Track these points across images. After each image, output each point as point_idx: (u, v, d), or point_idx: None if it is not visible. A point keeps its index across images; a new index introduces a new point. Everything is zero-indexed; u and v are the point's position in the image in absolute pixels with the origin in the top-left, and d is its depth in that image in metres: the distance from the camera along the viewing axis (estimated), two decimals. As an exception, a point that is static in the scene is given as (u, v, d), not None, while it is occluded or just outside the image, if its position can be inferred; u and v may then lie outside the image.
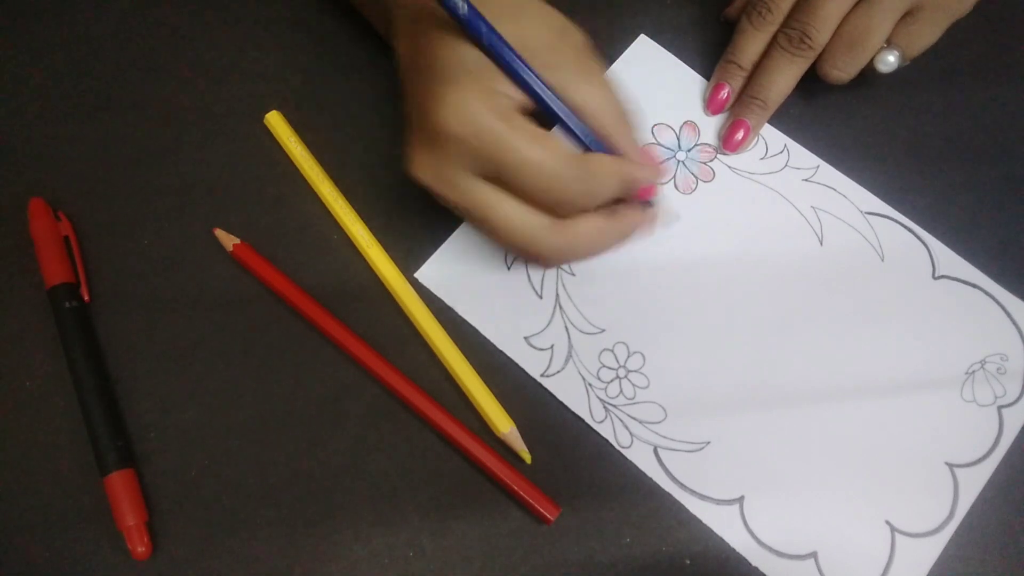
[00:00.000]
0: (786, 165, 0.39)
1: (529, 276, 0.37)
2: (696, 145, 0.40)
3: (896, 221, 0.38)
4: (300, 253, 0.38)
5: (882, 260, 0.38)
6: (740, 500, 0.34)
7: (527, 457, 0.34)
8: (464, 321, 0.37)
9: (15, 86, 0.41)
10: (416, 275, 0.37)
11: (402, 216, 0.39)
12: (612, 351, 0.36)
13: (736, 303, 0.37)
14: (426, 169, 0.30)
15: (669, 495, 0.34)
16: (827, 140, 0.40)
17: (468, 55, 0.29)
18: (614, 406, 0.35)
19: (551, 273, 0.37)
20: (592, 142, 0.31)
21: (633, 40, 0.42)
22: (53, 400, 0.35)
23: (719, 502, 0.34)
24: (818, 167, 0.39)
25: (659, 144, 0.40)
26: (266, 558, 0.33)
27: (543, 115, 0.30)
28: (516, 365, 0.36)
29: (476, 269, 0.37)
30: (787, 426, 0.35)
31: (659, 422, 0.35)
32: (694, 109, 0.40)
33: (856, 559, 0.33)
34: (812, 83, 0.39)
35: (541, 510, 0.33)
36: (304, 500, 0.34)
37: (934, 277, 0.37)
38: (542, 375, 0.36)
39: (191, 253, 0.38)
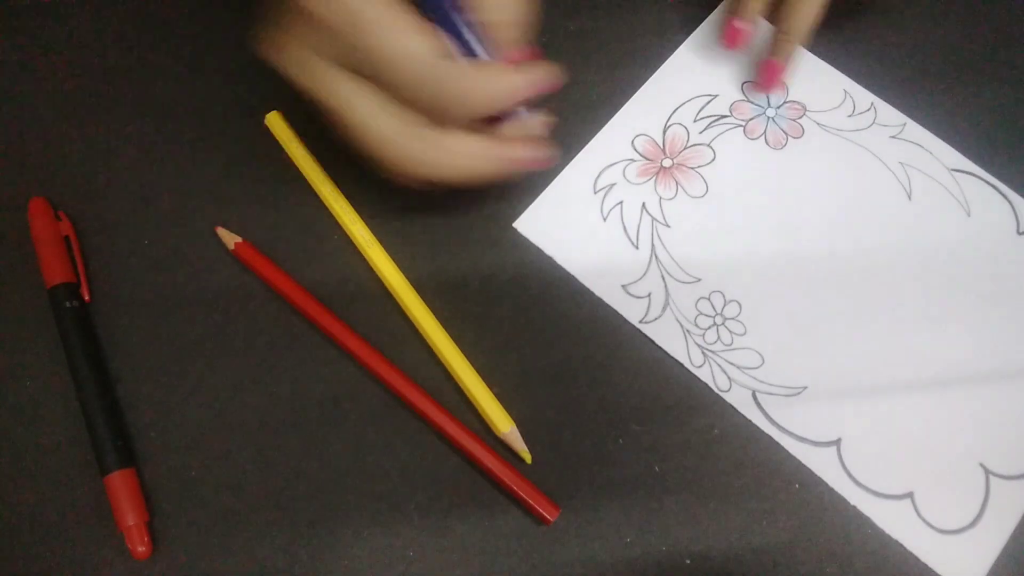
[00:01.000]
0: (873, 123, 0.41)
1: (625, 227, 0.39)
2: (785, 102, 0.41)
3: (981, 178, 0.40)
4: (300, 253, 0.38)
5: (968, 216, 0.39)
6: (838, 442, 0.35)
7: (527, 457, 0.34)
8: (463, 322, 0.37)
9: (16, 86, 0.41)
10: (515, 224, 0.38)
11: (402, 216, 0.39)
12: (708, 299, 0.37)
13: (827, 253, 0.38)
14: (277, 47, 0.26)
15: (668, 496, 0.34)
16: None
17: None
18: (712, 352, 0.36)
19: (647, 224, 0.39)
20: (467, 35, 0.27)
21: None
22: (53, 400, 0.35)
23: (817, 444, 0.35)
24: (905, 124, 0.41)
25: (748, 101, 0.41)
26: (266, 558, 0.33)
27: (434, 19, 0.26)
28: (521, 364, 0.36)
29: (573, 219, 0.39)
30: (881, 371, 0.36)
31: (757, 367, 0.36)
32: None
33: (952, 499, 0.34)
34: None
35: (541, 510, 0.33)
36: (304, 500, 0.34)
37: (1018, 232, 0.39)
38: (640, 321, 0.37)
39: (191, 253, 0.38)
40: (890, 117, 0.41)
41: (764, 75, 0.40)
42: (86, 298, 0.37)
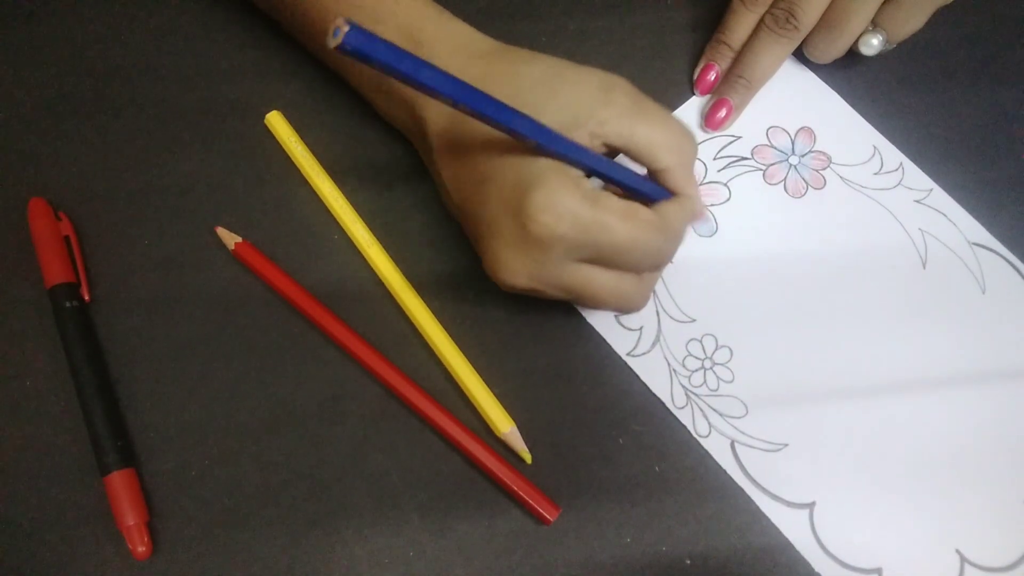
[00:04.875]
0: (899, 184, 0.39)
1: None
2: (810, 151, 0.40)
3: (1002, 256, 0.38)
4: (300, 253, 0.38)
5: (983, 293, 0.37)
6: (811, 505, 0.34)
7: (527, 457, 0.34)
8: (463, 322, 0.37)
9: (15, 86, 0.41)
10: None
11: (402, 216, 0.39)
12: (700, 341, 0.37)
13: (831, 312, 0.37)
14: (524, 273, 0.30)
15: (668, 496, 0.34)
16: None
17: (532, 159, 0.29)
18: (696, 395, 0.36)
19: None
20: (648, 188, 0.31)
21: None
22: (53, 400, 0.35)
23: (790, 504, 0.34)
24: (931, 190, 0.39)
25: (772, 146, 0.40)
26: (266, 558, 0.33)
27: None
28: (521, 364, 0.36)
29: None
30: (867, 440, 0.35)
31: (739, 417, 0.35)
32: (813, 116, 0.41)
33: None
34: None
35: (541, 511, 0.33)
36: (304, 500, 0.34)
37: None
38: (628, 354, 0.36)
39: (191, 253, 0.38)
40: (917, 181, 0.39)
41: (715, 112, 0.40)
42: (86, 298, 0.37)
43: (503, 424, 0.34)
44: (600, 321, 0.37)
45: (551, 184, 0.28)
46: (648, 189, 0.31)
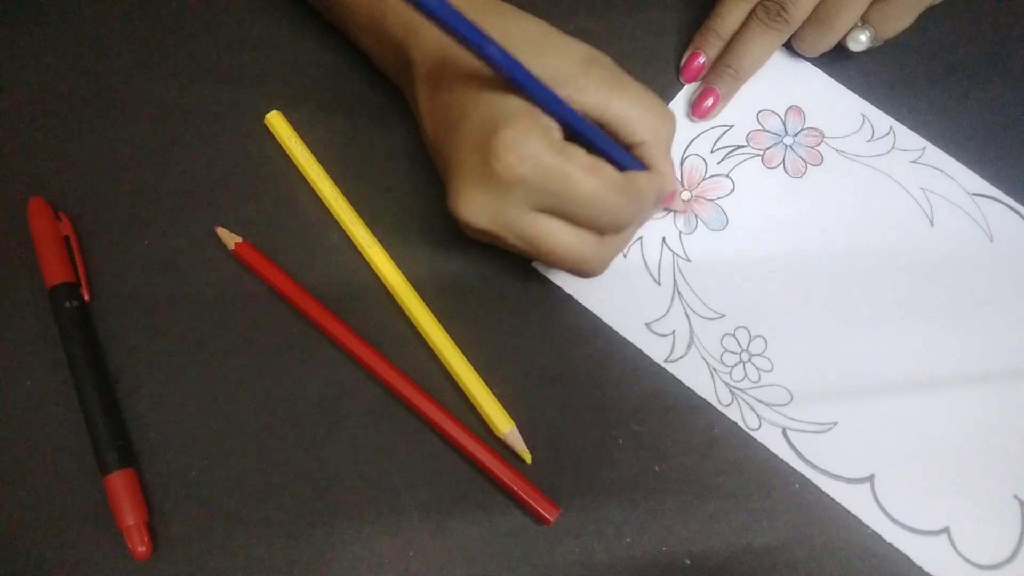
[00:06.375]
0: (893, 147, 0.40)
1: (646, 263, 0.38)
2: (803, 129, 0.40)
3: (1003, 203, 0.39)
4: (300, 254, 0.38)
5: (991, 241, 0.38)
6: (871, 478, 0.34)
7: (527, 457, 0.35)
8: (463, 322, 0.37)
9: (15, 86, 0.41)
10: (534, 264, 0.38)
11: (402, 216, 0.39)
12: (734, 335, 0.37)
13: (852, 285, 0.38)
14: (483, 212, 0.30)
15: (668, 496, 0.34)
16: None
17: (508, 98, 0.29)
18: (740, 390, 0.36)
19: (667, 259, 0.38)
20: (619, 155, 0.31)
21: None
22: (53, 400, 0.35)
23: (850, 481, 0.34)
24: (924, 148, 0.40)
25: (765, 130, 0.40)
26: (266, 558, 0.33)
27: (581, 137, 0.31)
28: (521, 364, 0.36)
29: None
30: (912, 405, 0.36)
31: (785, 404, 0.36)
32: (799, 93, 0.41)
33: (989, 533, 0.34)
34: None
35: (540, 510, 0.33)
36: (304, 500, 0.34)
37: None
38: (666, 360, 0.36)
39: (191, 253, 0.38)
40: (910, 141, 0.40)
41: (702, 101, 0.40)
42: (86, 298, 0.37)
43: (503, 424, 0.34)
44: (632, 330, 0.37)
45: (520, 125, 0.29)
46: (622, 159, 0.31)
